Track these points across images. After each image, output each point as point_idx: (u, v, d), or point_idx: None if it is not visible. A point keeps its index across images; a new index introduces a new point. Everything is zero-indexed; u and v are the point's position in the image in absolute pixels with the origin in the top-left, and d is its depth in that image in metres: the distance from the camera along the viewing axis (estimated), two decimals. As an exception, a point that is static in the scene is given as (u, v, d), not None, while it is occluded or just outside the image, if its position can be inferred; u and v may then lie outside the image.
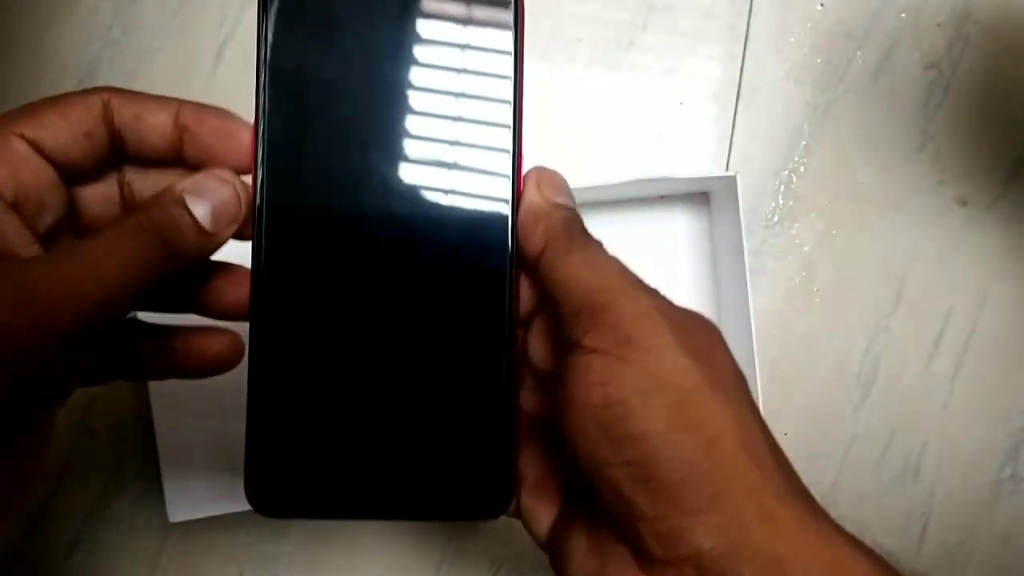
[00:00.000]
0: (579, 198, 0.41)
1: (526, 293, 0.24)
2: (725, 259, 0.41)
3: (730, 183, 0.39)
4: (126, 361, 0.24)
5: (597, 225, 0.43)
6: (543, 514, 0.24)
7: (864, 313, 0.44)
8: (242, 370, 0.24)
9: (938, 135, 0.44)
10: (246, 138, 0.23)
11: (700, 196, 0.43)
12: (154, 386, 0.38)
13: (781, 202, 0.44)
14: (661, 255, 0.42)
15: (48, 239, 0.22)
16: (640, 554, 0.20)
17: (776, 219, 0.44)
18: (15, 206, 0.21)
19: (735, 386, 0.21)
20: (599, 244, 0.23)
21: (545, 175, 0.24)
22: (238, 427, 0.24)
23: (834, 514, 0.21)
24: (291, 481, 0.23)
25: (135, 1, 0.42)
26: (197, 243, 0.21)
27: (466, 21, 0.23)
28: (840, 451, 0.44)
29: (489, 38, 0.23)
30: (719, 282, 0.42)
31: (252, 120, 0.23)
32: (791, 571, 0.19)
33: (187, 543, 0.41)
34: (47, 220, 0.22)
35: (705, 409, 0.20)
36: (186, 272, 0.23)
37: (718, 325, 0.42)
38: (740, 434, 0.20)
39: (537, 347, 0.24)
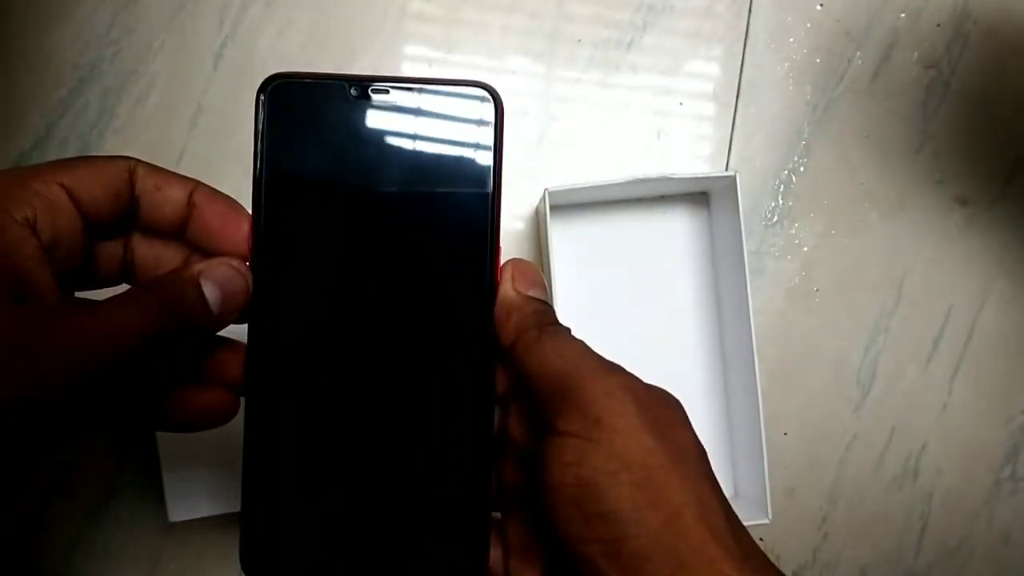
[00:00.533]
0: (579, 198, 0.42)
1: (502, 379, 0.26)
2: (725, 259, 0.41)
3: (730, 183, 0.39)
4: (116, 412, 0.25)
5: (597, 225, 0.43)
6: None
7: (864, 313, 0.44)
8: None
9: (937, 135, 0.45)
10: (245, 227, 0.25)
11: (700, 196, 0.43)
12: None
13: (781, 202, 0.44)
14: (661, 255, 0.42)
15: (64, 285, 0.23)
16: None
17: (776, 219, 0.44)
18: (48, 250, 0.22)
19: (695, 460, 0.23)
20: (567, 331, 0.25)
21: (520, 268, 0.26)
22: (237, 428, 0.25)
23: (835, 512, 0.21)
24: (283, 555, 0.25)
25: (135, 1, 0.42)
26: (203, 322, 0.23)
27: (447, 118, 0.25)
28: (840, 451, 0.44)
29: (470, 135, 0.25)
30: (719, 282, 0.42)
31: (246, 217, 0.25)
32: None
33: (187, 543, 0.41)
34: (70, 268, 0.23)
35: (667, 486, 0.21)
36: (189, 345, 0.25)
37: (718, 325, 0.42)
38: (699, 508, 0.21)
39: (516, 428, 0.26)
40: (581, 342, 0.24)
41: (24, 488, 0.22)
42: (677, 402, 0.24)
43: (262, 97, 0.24)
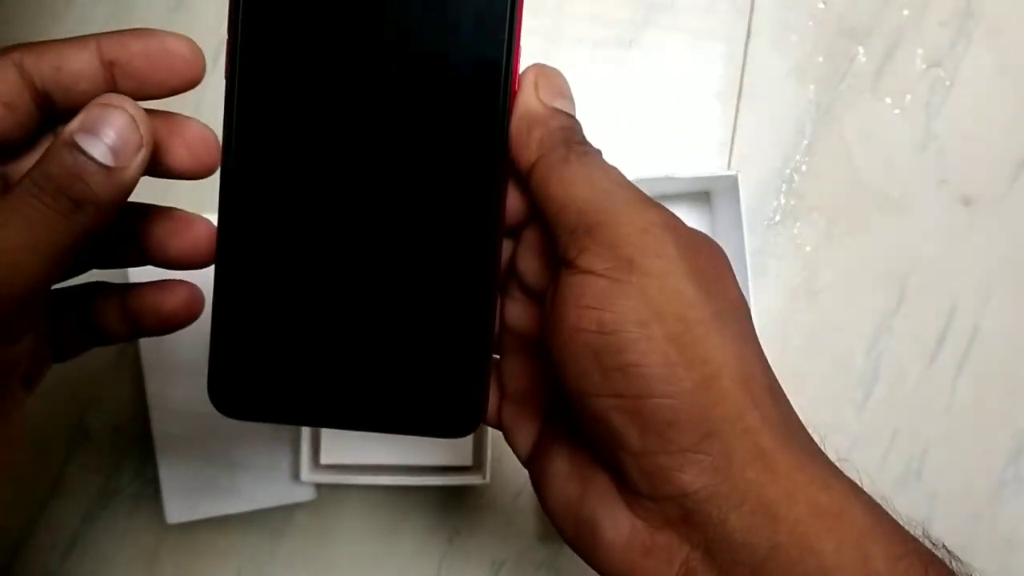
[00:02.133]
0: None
1: (517, 204, 0.22)
2: (726, 259, 0.41)
3: (731, 182, 0.39)
4: (91, 327, 0.23)
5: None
6: (525, 430, 0.23)
7: (866, 313, 0.44)
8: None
9: (941, 134, 0.44)
10: (180, 49, 0.21)
11: (701, 195, 0.42)
12: (151, 388, 0.38)
13: (783, 201, 0.44)
14: (662, 255, 0.42)
15: None
16: (623, 486, 0.19)
17: (778, 218, 0.44)
18: None
19: (738, 318, 0.20)
20: (599, 154, 0.21)
21: (545, 74, 0.22)
22: (236, 428, 0.24)
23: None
24: (255, 383, 0.22)
25: (134, 1, 0.42)
26: (106, 185, 0.19)
27: None
28: (842, 452, 0.43)
29: None
30: (720, 282, 0.42)
31: (171, 31, 0.21)
32: (782, 518, 0.18)
33: (185, 543, 0.41)
34: None
35: (706, 343, 0.18)
36: (124, 222, 0.22)
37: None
38: (740, 371, 0.19)
39: (528, 263, 0.22)
40: (615, 169, 0.21)
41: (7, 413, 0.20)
42: (721, 251, 0.21)
43: None
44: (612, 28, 0.44)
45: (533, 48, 0.44)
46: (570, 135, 0.21)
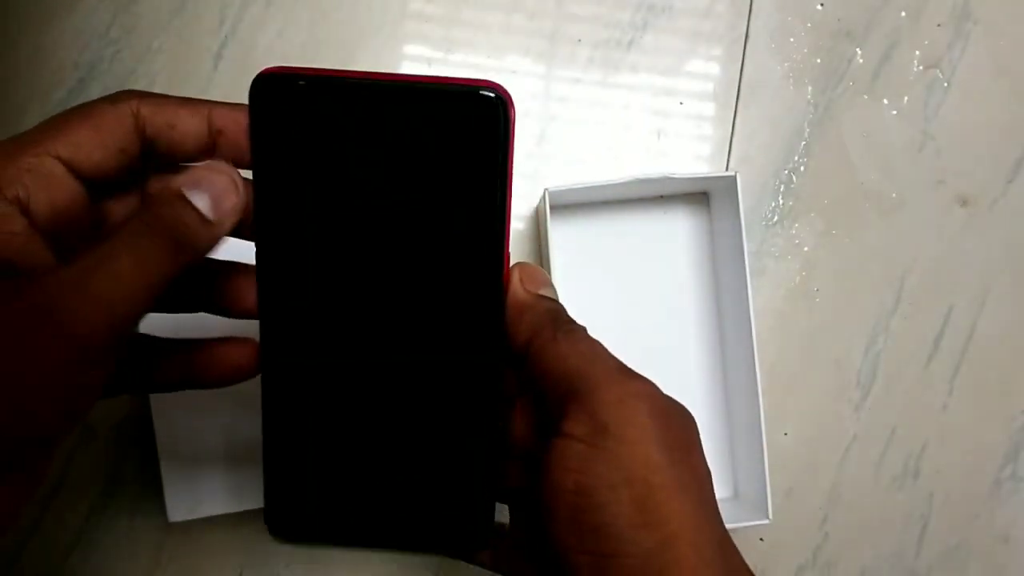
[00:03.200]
0: (579, 198, 0.42)
1: (511, 381, 0.25)
2: (725, 259, 0.41)
3: (730, 183, 0.39)
4: (135, 375, 0.24)
5: (597, 225, 0.43)
6: (521, 573, 0.26)
7: (864, 313, 0.44)
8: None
9: (938, 135, 0.44)
10: None
11: (700, 196, 0.43)
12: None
13: (781, 202, 0.44)
14: (661, 255, 0.42)
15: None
16: None
17: (776, 219, 0.44)
18: (49, 227, 0.21)
19: (699, 485, 0.22)
20: (583, 330, 0.24)
21: (527, 271, 0.25)
22: (237, 427, 0.25)
23: (835, 512, 0.21)
24: (303, 513, 0.27)
25: (135, 1, 0.42)
26: (203, 234, 0.21)
27: (453, 119, 0.23)
28: (840, 451, 0.44)
29: (477, 137, 0.23)
30: (719, 282, 0.42)
31: None
32: None
33: (187, 543, 0.41)
34: (75, 238, 0.22)
35: (667, 508, 0.20)
36: (203, 271, 0.24)
37: (719, 325, 0.42)
38: (696, 536, 0.21)
39: (521, 428, 0.26)
40: (599, 343, 0.24)
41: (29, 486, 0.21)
42: (693, 421, 0.23)
43: (254, 94, 0.23)
44: (611, 29, 0.44)
45: (533, 48, 0.44)
46: (556, 316, 0.24)
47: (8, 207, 0.20)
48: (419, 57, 0.43)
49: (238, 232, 0.23)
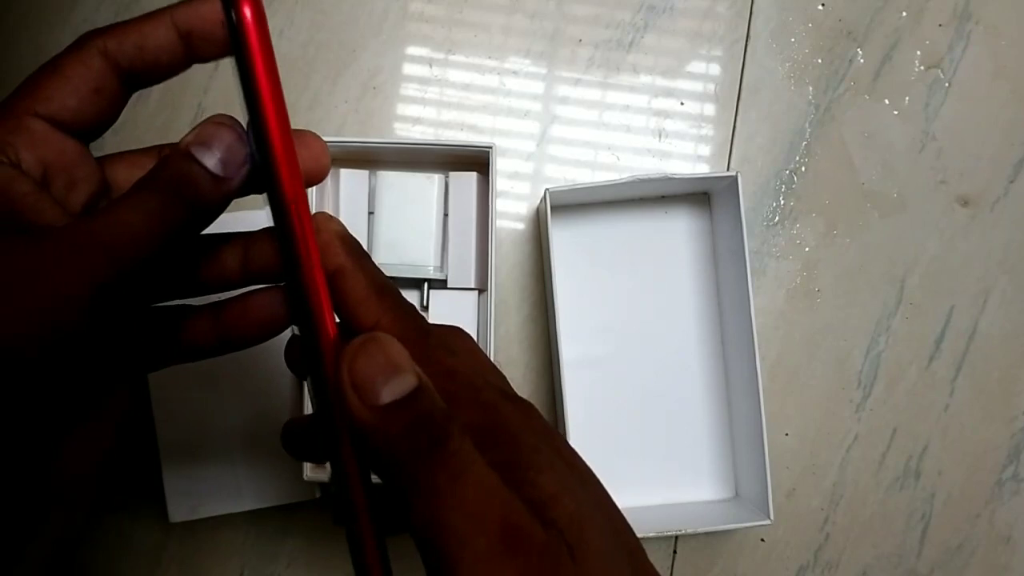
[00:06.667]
0: (580, 198, 0.42)
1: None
2: (726, 259, 0.41)
3: (731, 183, 0.39)
4: (173, 343, 0.24)
5: (598, 225, 0.43)
6: None
7: (865, 313, 0.44)
8: (241, 372, 0.24)
9: (939, 135, 0.44)
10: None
11: (701, 196, 0.43)
12: (155, 387, 0.38)
13: (782, 202, 0.44)
14: (662, 255, 0.42)
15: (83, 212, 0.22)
16: None
17: (777, 219, 0.44)
18: (45, 185, 0.21)
19: None
20: (469, 450, 0.19)
21: (358, 356, 0.19)
22: (238, 427, 0.24)
23: (836, 513, 0.21)
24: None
25: (135, 1, 0.42)
26: (213, 191, 0.21)
27: None
28: (841, 451, 0.43)
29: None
30: (720, 282, 0.42)
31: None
32: None
33: (188, 543, 0.41)
34: (81, 195, 0.22)
35: None
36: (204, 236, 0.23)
37: (719, 325, 0.42)
38: None
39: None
40: (493, 476, 0.18)
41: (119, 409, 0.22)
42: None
43: None
44: (612, 30, 0.44)
45: (534, 49, 0.44)
46: (421, 437, 0.18)
47: (10, 170, 0.20)
48: (420, 58, 0.43)
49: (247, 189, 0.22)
